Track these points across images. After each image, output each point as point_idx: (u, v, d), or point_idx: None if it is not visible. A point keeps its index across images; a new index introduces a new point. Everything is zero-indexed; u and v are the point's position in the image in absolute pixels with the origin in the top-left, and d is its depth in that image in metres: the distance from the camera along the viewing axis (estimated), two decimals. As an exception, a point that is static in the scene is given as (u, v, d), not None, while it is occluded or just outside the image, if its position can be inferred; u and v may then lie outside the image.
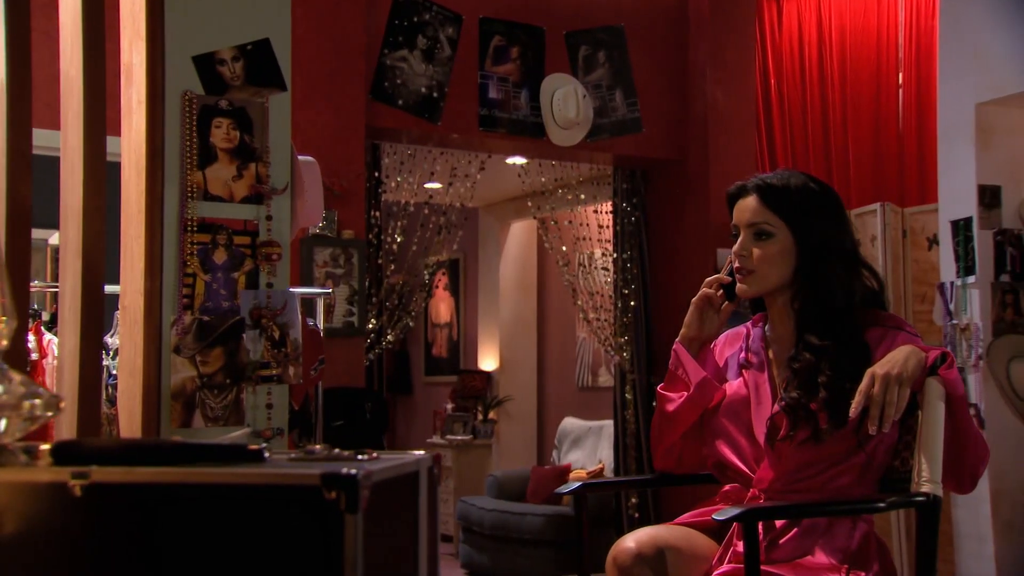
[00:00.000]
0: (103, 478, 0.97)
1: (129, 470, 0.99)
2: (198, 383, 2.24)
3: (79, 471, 0.95)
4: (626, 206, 5.32)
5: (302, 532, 0.89)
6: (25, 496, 0.90)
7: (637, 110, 5.05)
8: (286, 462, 1.04)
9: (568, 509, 5.98)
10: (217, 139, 2.32)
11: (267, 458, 1.02)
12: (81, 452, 0.99)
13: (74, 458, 0.98)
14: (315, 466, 0.97)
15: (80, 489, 0.90)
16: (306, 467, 0.97)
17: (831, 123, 5.57)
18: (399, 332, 4.84)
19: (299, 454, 1.06)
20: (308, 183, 2.38)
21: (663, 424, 2.05)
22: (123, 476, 0.98)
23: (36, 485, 0.92)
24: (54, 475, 0.97)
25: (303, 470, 0.93)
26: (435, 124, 4.56)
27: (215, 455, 0.99)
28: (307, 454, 1.04)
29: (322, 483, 0.93)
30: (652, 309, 5.31)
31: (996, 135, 4.32)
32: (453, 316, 8.49)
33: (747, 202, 1.99)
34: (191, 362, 2.24)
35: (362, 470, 0.89)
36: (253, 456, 1.01)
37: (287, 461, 1.04)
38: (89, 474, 0.97)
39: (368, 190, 4.46)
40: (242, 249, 2.30)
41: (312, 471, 0.94)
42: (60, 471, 0.94)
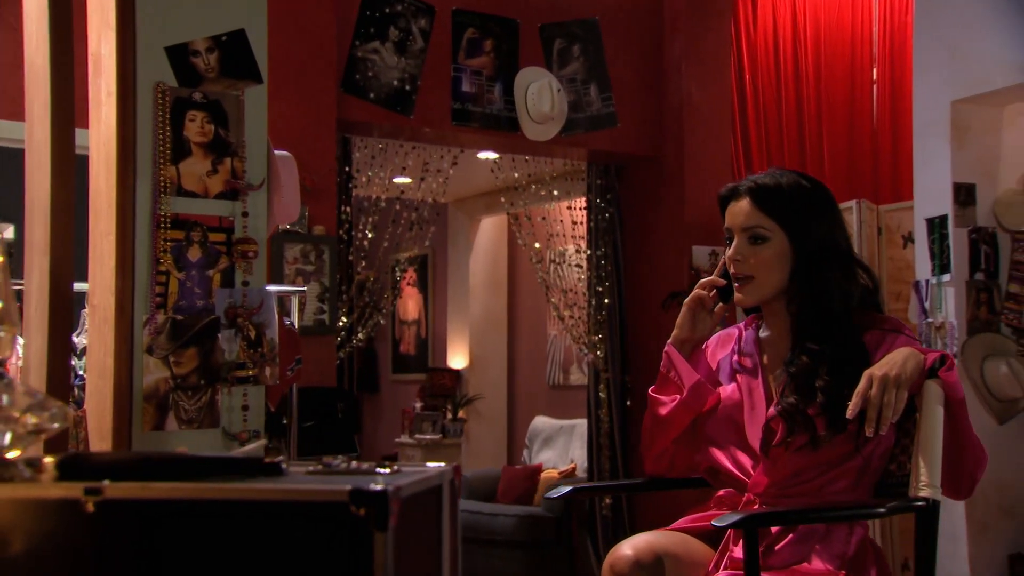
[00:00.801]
0: (117, 494, 0.94)
1: (145, 485, 0.96)
2: (171, 384, 2.21)
3: (92, 487, 0.92)
4: (600, 202, 5.33)
5: (328, 550, 0.86)
6: (34, 513, 0.87)
7: (612, 105, 5.06)
8: (305, 476, 1.01)
9: (540, 510, 5.98)
10: (191, 133, 2.29)
11: (285, 471, 0.99)
12: (90, 466, 0.95)
13: (83, 472, 0.95)
14: (338, 480, 0.94)
15: (93, 505, 0.87)
16: (328, 482, 0.94)
17: (806, 119, 5.62)
18: (370, 330, 4.81)
19: (317, 467, 1.03)
20: (285, 178, 2.35)
21: (655, 428, 2.05)
22: (138, 492, 0.95)
23: (46, 501, 0.88)
24: (65, 491, 0.94)
25: (328, 485, 0.90)
26: (407, 118, 4.54)
27: (231, 469, 0.96)
28: (325, 467, 1.02)
29: (350, 499, 0.90)
30: (626, 307, 5.32)
31: (971, 133, 4.37)
32: (421, 313, 8.46)
33: (740, 205, 1.97)
34: (164, 362, 2.21)
35: (391, 485, 0.87)
36: (271, 470, 0.98)
37: (305, 475, 1.01)
38: (102, 490, 0.94)
39: (338, 185, 4.43)
40: (217, 246, 2.27)
41: (338, 486, 0.91)
42: (72, 487, 0.90)
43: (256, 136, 2.32)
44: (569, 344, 7.10)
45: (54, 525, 0.87)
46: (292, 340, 2.42)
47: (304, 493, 0.88)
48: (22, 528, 0.86)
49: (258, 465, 0.97)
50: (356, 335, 4.69)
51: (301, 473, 1.01)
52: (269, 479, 0.96)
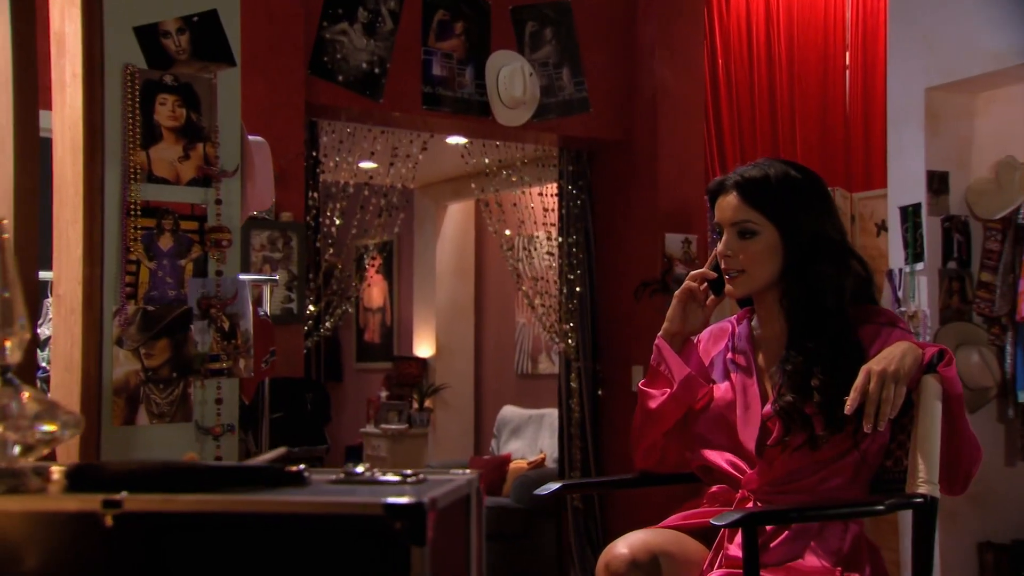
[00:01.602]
0: (137, 507, 0.90)
1: (168, 498, 0.92)
2: (142, 377, 2.17)
3: (110, 499, 0.88)
4: (571, 188, 5.32)
5: (361, 565, 0.83)
6: (48, 526, 0.83)
7: (584, 90, 5.05)
8: (329, 486, 0.98)
9: (509, 501, 5.99)
10: (162, 117, 2.24)
11: (308, 480, 0.96)
12: (103, 476, 0.92)
13: (96, 483, 0.91)
14: (366, 491, 0.91)
15: (112, 519, 0.84)
16: (356, 492, 0.91)
17: (778, 106, 5.65)
18: (337, 319, 4.77)
19: (339, 475, 1.00)
20: (259, 165, 2.32)
21: (645, 422, 2.04)
22: (160, 504, 0.91)
23: (61, 515, 0.84)
24: (82, 504, 0.90)
25: (362, 498, 0.87)
26: (377, 101, 4.49)
27: (254, 478, 0.93)
28: (347, 475, 0.99)
29: (386, 512, 0.88)
30: (598, 295, 5.33)
31: (944, 120, 4.42)
32: (386, 300, 8.42)
33: (728, 200, 1.97)
34: (135, 355, 2.17)
35: (426, 497, 0.84)
36: (294, 479, 0.96)
37: (329, 484, 0.98)
38: (121, 502, 0.90)
39: (305, 170, 4.38)
40: (189, 235, 2.23)
41: (373, 499, 0.88)
42: (90, 499, 0.86)
43: (229, 121, 2.28)
44: (538, 332, 7.10)
45: (70, 540, 0.83)
46: (266, 331, 2.40)
47: (337, 506, 0.85)
48: (35, 542, 0.82)
49: (281, 474, 0.95)
50: (324, 324, 4.65)
51: (324, 482, 0.98)
52: (294, 489, 0.93)
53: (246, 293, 2.22)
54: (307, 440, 3.74)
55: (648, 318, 5.11)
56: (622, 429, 5.21)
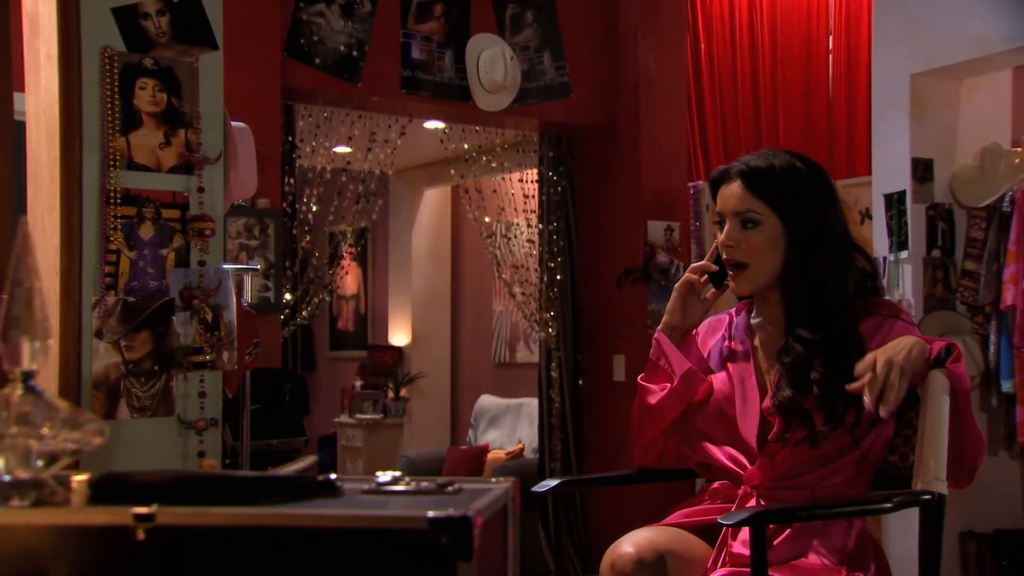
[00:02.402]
0: (170, 520, 0.88)
1: (202, 511, 0.89)
2: (123, 370, 2.15)
3: (142, 512, 0.86)
4: (552, 175, 5.31)
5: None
6: (76, 541, 0.80)
7: (566, 74, 5.03)
8: (362, 496, 0.96)
9: (488, 491, 6.00)
10: (142, 102, 2.21)
11: (341, 490, 0.94)
12: (130, 488, 0.89)
13: (122, 494, 0.88)
14: (403, 503, 0.89)
15: (144, 532, 0.81)
16: (395, 504, 0.89)
17: (761, 91, 5.66)
18: (314, 308, 4.74)
19: (371, 484, 0.98)
20: (241, 151, 2.29)
21: (644, 417, 2.03)
22: (195, 518, 0.89)
23: (90, 529, 0.83)
24: (114, 517, 0.87)
25: (405, 511, 0.85)
26: (355, 85, 4.45)
27: (286, 489, 0.91)
28: (379, 485, 0.97)
29: (431, 527, 0.85)
30: (579, 283, 5.33)
31: (930, 107, 4.44)
32: (361, 288, 8.38)
33: (731, 189, 1.96)
34: (115, 347, 2.14)
35: (471, 510, 0.82)
36: (327, 489, 0.93)
37: (362, 495, 0.96)
38: (154, 516, 0.87)
39: (281, 155, 4.33)
40: (171, 224, 2.20)
41: (416, 512, 0.86)
42: (120, 512, 0.83)
43: (212, 106, 2.25)
44: (516, 321, 7.10)
45: (99, 554, 0.80)
46: (250, 323, 2.37)
47: (380, 520, 0.83)
48: (63, 557, 0.79)
49: (314, 485, 0.93)
50: (300, 313, 4.62)
51: (356, 493, 0.96)
52: (327, 500, 0.91)
53: (229, 284, 2.20)
54: (285, 432, 3.72)
55: (630, 307, 5.12)
56: (603, 419, 5.23)
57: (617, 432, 5.14)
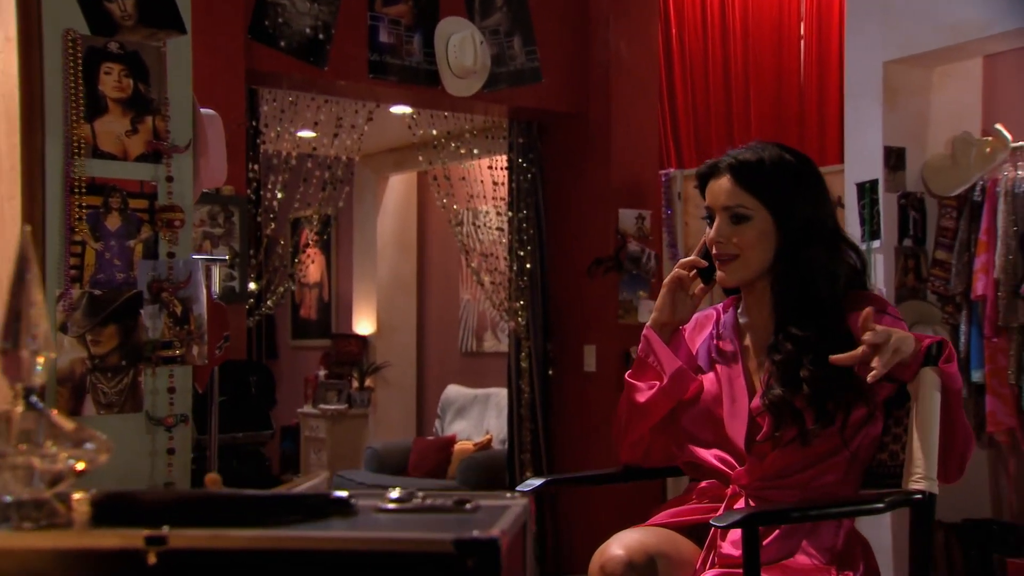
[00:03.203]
0: (183, 543, 0.85)
1: (216, 533, 0.86)
2: (88, 365, 2.10)
3: (154, 535, 0.83)
4: (522, 162, 5.29)
5: None
6: (84, 564, 0.77)
7: (536, 59, 5.01)
8: (377, 515, 0.93)
9: (455, 483, 5.99)
10: (107, 87, 2.16)
11: (356, 508, 0.92)
12: (136, 508, 0.86)
13: (128, 515, 0.86)
14: (421, 522, 0.87)
15: (156, 556, 0.79)
16: (413, 524, 0.86)
17: (733, 77, 5.68)
18: (279, 297, 4.69)
19: (384, 502, 0.95)
20: (211, 139, 2.25)
21: (632, 415, 2.02)
22: (208, 541, 0.86)
23: (98, 552, 0.80)
24: (124, 540, 0.84)
25: (427, 534, 0.82)
26: (321, 69, 4.40)
27: (299, 508, 0.88)
28: (393, 502, 0.94)
29: (457, 549, 0.83)
30: (549, 272, 5.32)
31: (902, 95, 4.48)
32: (324, 275, 8.32)
33: (720, 183, 1.94)
34: (80, 342, 2.10)
35: (497, 531, 0.80)
36: (342, 507, 0.91)
37: (377, 513, 0.94)
38: (166, 539, 0.85)
39: (246, 141, 4.27)
40: (139, 214, 2.16)
41: (439, 535, 0.83)
42: (130, 535, 0.80)
43: (180, 93, 2.21)
44: (483, 309, 7.08)
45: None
46: (220, 315, 2.34)
47: (403, 543, 0.81)
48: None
49: (328, 503, 0.90)
50: (265, 302, 4.57)
51: (370, 511, 0.94)
52: (342, 520, 0.88)
53: (199, 276, 2.16)
54: (252, 425, 3.68)
55: (601, 296, 5.13)
56: (574, 410, 5.24)
57: (588, 423, 5.15)
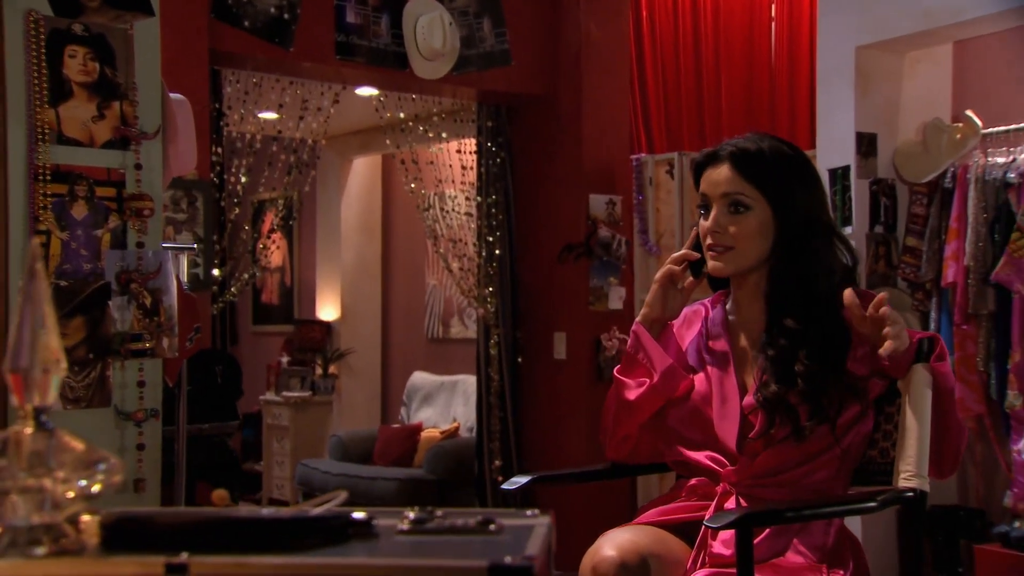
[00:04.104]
0: (205, 571, 0.82)
1: (240, 561, 0.83)
2: (55, 359, 2.07)
3: (175, 563, 0.80)
4: (491, 146, 5.27)
5: None
6: None
7: (506, 41, 4.98)
8: (400, 537, 0.91)
9: (422, 472, 5.98)
10: (72, 71, 2.12)
11: (376, 530, 0.90)
12: (150, 531, 0.83)
13: (140, 539, 0.83)
14: (445, 545, 0.85)
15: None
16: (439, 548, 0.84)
17: (704, 61, 5.69)
18: (244, 283, 4.64)
19: (404, 523, 0.93)
20: (181, 125, 2.21)
21: (621, 412, 2.00)
22: (232, 569, 0.83)
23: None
24: (142, 567, 0.81)
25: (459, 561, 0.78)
26: (286, 50, 4.34)
27: (320, 531, 0.86)
28: (414, 523, 0.92)
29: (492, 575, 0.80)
30: (519, 258, 5.31)
31: (874, 80, 4.51)
32: (286, 260, 8.25)
33: (719, 171, 1.92)
34: (45, 334, 2.06)
35: (529, 555, 0.78)
36: (363, 530, 0.89)
37: (399, 536, 0.91)
38: (187, 566, 0.82)
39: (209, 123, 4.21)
40: (106, 202, 2.12)
41: (473, 562, 0.81)
42: (149, 562, 0.76)
43: (148, 77, 2.17)
44: (450, 295, 7.06)
45: None
46: (190, 306, 2.30)
47: (436, 571, 0.78)
48: None
49: (349, 525, 0.88)
50: (229, 289, 4.52)
51: (392, 533, 0.92)
52: (365, 543, 0.86)
53: (169, 266, 2.13)
54: (218, 416, 3.64)
55: (571, 283, 5.13)
56: (543, 398, 5.24)
57: (558, 411, 5.16)
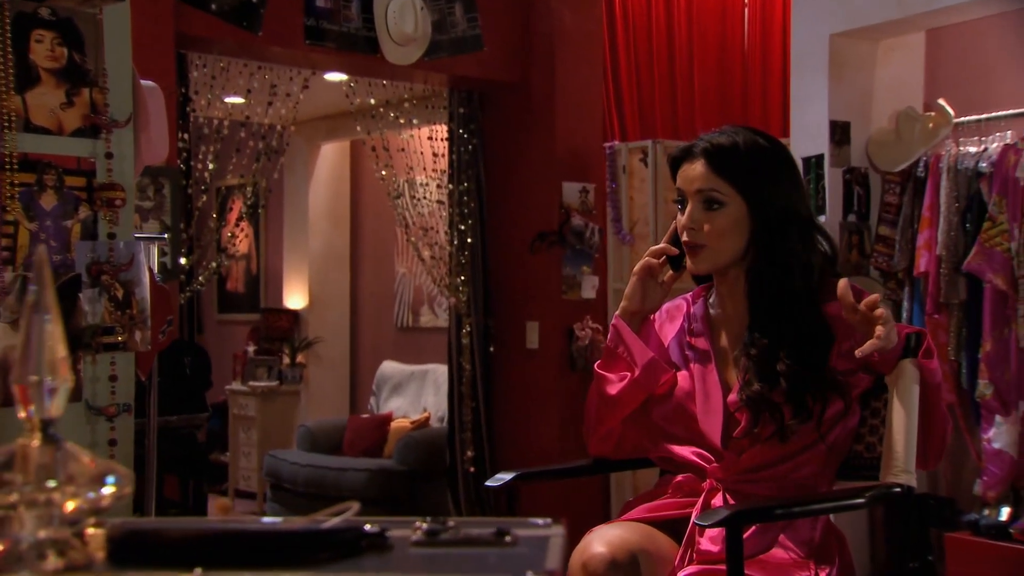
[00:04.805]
0: None
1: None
2: (23, 353, 2.03)
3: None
4: (463, 132, 5.25)
5: None
6: None
7: (478, 26, 4.96)
8: (415, 550, 0.88)
9: (392, 463, 5.97)
10: (39, 56, 2.08)
11: (390, 542, 0.88)
12: (159, 544, 0.81)
13: (149, 552, 0.80)
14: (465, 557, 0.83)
15: None
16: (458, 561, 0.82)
17: (677, 47, 5.69)
18: (212, 272, 4.59)
19: (417, 534, 0.91)
20: (152, 113, 2.18)
21: (602, 408, 2.00)
22: None
23: None
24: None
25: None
26: (254, 34, 4.29)
27: (335, 545, 0.84)
28: (427, 535, 0.90)
29: None
30: (491, 247, 5.30)
31: (848, 68, 4.53)
32: (252, 247, 8.18)
33: (694, 168, 1.92)
34: (13, 328, 2.03)
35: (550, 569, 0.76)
36: (376, 542, 0.87)
37: (413, 548, 0.89)
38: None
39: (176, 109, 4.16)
40: (76, 192, 2.08)
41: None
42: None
43: (119, 63, 2.13)
44: (420, 283, 7.04)
45: None
46: (163, 298, 2.27)
47: None
48: None
49: (363, 538, 0.86)
50: (197, 278, 4.47)
51: (405, 544, 0.90)
52: (381, 557, 0.84)
53: (142, 257, 2.10)
54: (186, 408, 3.61)
55: (544, 272, 5.13)
56: (516, 387, 5.24)
57: (530, 401, 5.17)
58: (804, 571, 1.76)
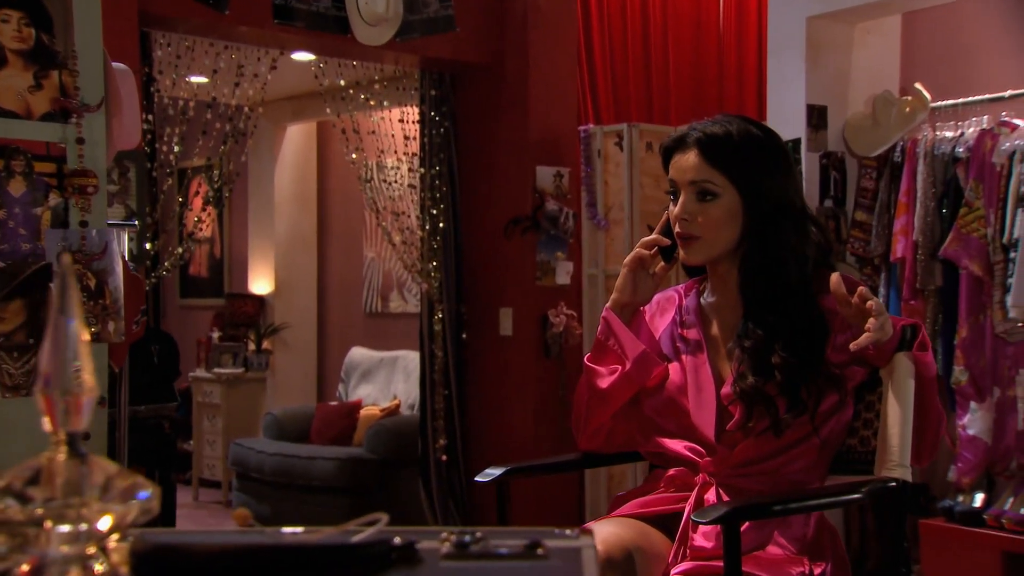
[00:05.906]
0: None
1: None
2: (-8, 344, 2.00)
3: None
4: (434, 115, 5.22)
5: None
6: None
7: (451, 7, 4.93)
8: (445, 563, 0.86)
9: (362, 451, 5.95)
10: (5, 37, 2.04)
11: (419, 555, 0.86)
12: (185, 560, 0.79)
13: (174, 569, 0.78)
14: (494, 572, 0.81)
15: None
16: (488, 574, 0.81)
17: (651, 29, 5.69)
18: (178, 258, 4.55)
19: (446, 546, 0.89)
20: (124, 96, 2.14)
21: (593, 402, 2.00)
22: None
23: None
24: None
25: None
26: (221, 13, 4.24)
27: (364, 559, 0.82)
28: (457, 547, 0.88)
29: None
30: (463, 232, 5.29)
31: (824, 51, 4.55)
32: (215, 231, 8.10)
33: (687, 158, 1.92)
34: (-18, 318, 1.99)
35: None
36: (407, 556, 0.85)
37: (443, 560, 0.87)
38: None
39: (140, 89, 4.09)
40: (45, 179, 2.05)
41: None
42: None
43: (90, 45, 2.09)
44: (389, 268, 7.01)
45: None
46: (136, 287, 2.25)
47: None
48: None
49: (392, 551, 0.85)
50: (163, 264, 4.43)
51: (435, 557, 0.88)
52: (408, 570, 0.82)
53: (115, 246, 2.07)
54: (155, 398, 3.57)
55: (518, 257, 5.12)
56: (489, 375, 5.24)
57: (504, 388, 5.17)
58: (798, 567, 1.77)
